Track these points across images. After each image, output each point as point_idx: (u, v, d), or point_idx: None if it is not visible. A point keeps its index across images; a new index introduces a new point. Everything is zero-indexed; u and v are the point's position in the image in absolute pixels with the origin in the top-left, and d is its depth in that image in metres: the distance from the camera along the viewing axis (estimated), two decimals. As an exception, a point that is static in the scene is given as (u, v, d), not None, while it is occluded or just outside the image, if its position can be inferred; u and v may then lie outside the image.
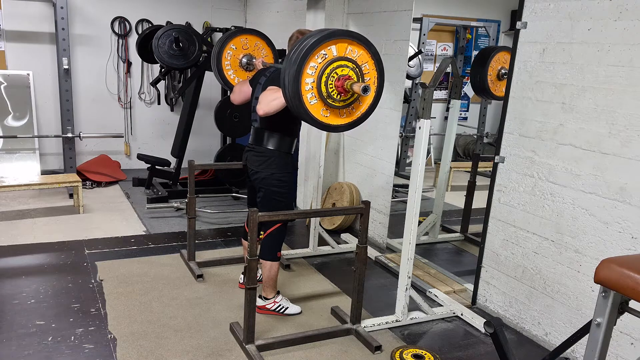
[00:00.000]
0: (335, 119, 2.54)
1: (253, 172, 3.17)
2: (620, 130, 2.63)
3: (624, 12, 2.58)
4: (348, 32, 2.49)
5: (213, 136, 7.06)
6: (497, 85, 4.46)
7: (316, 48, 2.38)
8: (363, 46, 2.49)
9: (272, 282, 3.25)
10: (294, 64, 2.37)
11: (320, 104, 2.46)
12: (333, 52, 2.42)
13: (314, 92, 2.42)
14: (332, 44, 2.40)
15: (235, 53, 3.77)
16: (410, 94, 6.80)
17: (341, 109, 2.53)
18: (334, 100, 2.47)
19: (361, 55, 2.49)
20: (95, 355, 2.79)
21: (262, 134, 3.10)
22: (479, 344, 3.14)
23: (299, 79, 2.38)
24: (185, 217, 4.42)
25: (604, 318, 1.59)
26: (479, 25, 7.26)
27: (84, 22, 6.26)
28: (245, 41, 3.79)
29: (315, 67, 2.40)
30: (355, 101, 2.55)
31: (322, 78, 2.40)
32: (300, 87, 2.39)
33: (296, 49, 2.41)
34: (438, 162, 5.30)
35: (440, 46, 7.60)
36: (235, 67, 3.79)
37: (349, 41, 2.45)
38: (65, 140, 5.66)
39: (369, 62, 2.52)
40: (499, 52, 4.43)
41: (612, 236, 2.70)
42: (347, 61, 2.45)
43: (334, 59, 2.42)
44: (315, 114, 2.46)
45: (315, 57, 2.39)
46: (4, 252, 4.06)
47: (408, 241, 3.15)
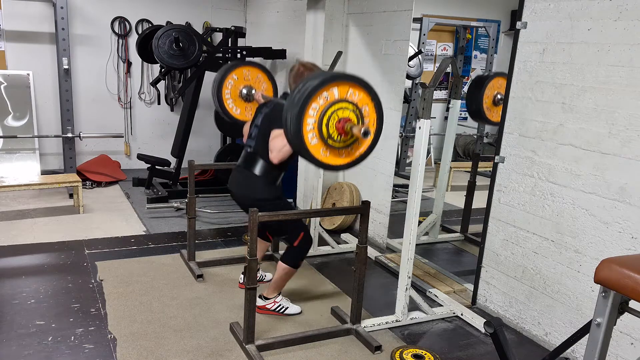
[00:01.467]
0: (335, 159, 2.59)
1: (237, 195, 3.20)
2: (620, 130, 2.63)
3: (624, 12, 2.58)
4: (350, 76, 2.54)
5: (213, 136, 7.06)
6: (492, 111, 4.51)
7: (319, 90, 2.43)
8: (364, 89, 2.55)
9: (281, 285, 3.27)
10: (297, 104, 2.42)
11: (321, 144, 2.51)
12: (335, 94, 2.47)
13: (315, 132, 2.48)
14: (334, 87, 2.46)
15: (237, 83, 3.83)
16: (410, 94, 6.80)
17: (341, 149, 2.58)
18: (334, 141, 2.52)
19: (362, 98, 2.56)
20: (95, 355, 2.79)
21: (253, 159, 3.11)
22: (479, 344, 3.14)
23: (301, 119, 2.42)
24: (185, 217, 4.42)
25: (604, 318, 1.59)
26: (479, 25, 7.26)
27: (84, 22, 6.26)
28: (247, 73, 3.86)
29: (317, 108, 2.45)
30: (355, 142, 2.59)
31: (324, 119, 2.46)
32: (302, 128, 2.44)
33: (300, 89, 2.45)
34: (438, 162, 5.30)
35: (440, 46, 7.60)
36: (234, 97, 3.85)
37: (351, 84, 2.51)
38: (65, 140, 5.66)
39: (369, 105, 2.58)
40: (493, 79, 4.46)
41: (612, 236, 2.70)
42: (348, 103, 2.50)
43: (335, 101, 2.47)
44: (315, 153, 2.52)
45: (318, 99, 2.44)
46: (4, 252, 4.06)
47: (408, 241, 3.15)
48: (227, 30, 5.82)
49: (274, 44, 6.12)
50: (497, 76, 4.44)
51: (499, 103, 4.34)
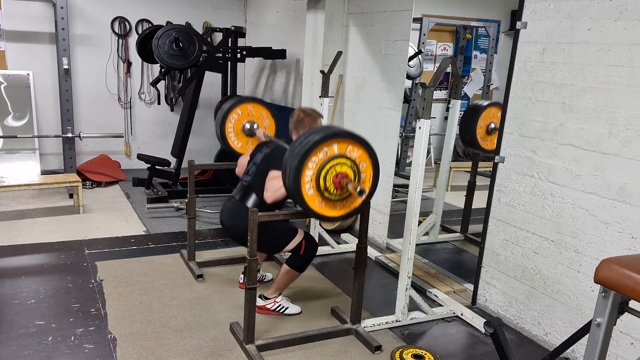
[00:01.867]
0: (330, 211, 2.66)
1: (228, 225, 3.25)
2: (620, 130, 2.63)
3: (624, 12, 2.58)
4: (350, 133, 2.62)
5: (213, 136, 7.04)
6: (486, 141, 4.54)
7: (320, 145, 2.52)
8: (363, 147, 2.64)
9: (283, 286, 3.28)
10: (297, 156, 2.51)
11: (317, 196, 2.59)
12: (334, 150, 2.56)
13: (313, 184, 2.56)
14: (334, 143, 2.55)
15: (240, 118, 3.92)
16: (410, 94, 6.80)
17: (336, 202, 2.65)
18: (331, 194, 2.60)
19: (360, 154, 2.64)
20: (95, 355, 2.80)
21: (248, 194, 3.17)
22: (479, 344, 3.14)
23: (300, 171, 2.51)
24: (185, 217, 4.42)
25: (604, 318, 1.59)
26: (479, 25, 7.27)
27: (84, 22, 6.26)
28: (252, 109, 3.95)
29: (317, 161, 2.54)
30: (350, 196, 2.66)
31: (322, 173, 2.54)
32: (301, 179, 2.52)
33: (301, 141, 2.54)
34: (438, 162, 5.30)
35: (440, 46, 7.60)
36: (237, 131, 3.93)
37: (350, 142, 2.60)
38: (65, 140, 5.66)
39: (366, 162, 2.67)
40: (487, 108, 4.49)
41: (612, 236, 2.70)
42: (347, 159, 2.59)
43: (334, 156, 2.56)
44: (311, 203, 2.59)
45: (318, 153, 2.53)
46: (4, 252, 4.06)
47: (408, 241, 3.15)
48: (227, 30, 5.82)
49: (274, 44, 6.12)
50: (491, 106, 4.51)
51: (493, 132, 4.41)
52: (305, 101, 5.07)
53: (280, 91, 6.37)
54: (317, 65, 4.83)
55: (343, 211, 2.69)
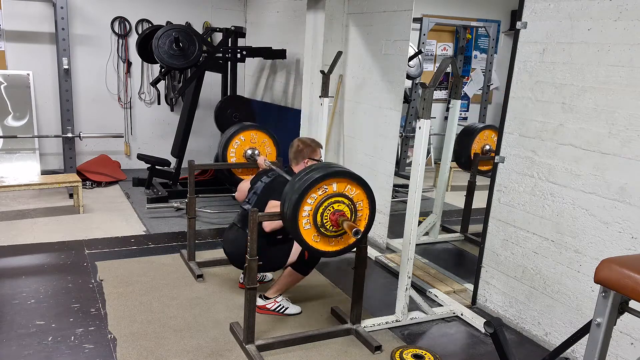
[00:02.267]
0: (324, 246, 2.72)
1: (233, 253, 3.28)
2: (620, 130, 2.63)
3: (624, 12, 2.58)
4: (350, 173, 2.68)
5: (213, 136, 7.06)
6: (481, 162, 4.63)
7: (319, 183, 2.58)
8: (361, 187, 2.71)
9: (285, 287, 3.29)
10: (297, 191, 2.57)
11: (313, 231, 2.65)
12: (333, 187, 2.63)
13: (310, 219, 2.62)
14: (334, 182, 2.62)
15: (243, 144, 4.03)
16: (410, 94, 6.80)
17: (331, 238, 2.71)
18: (327, 230, 2.65)
19: (358, 194, 2.70)
20: (95, 355, 2.80)
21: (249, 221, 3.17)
22: (479, 344, 3.14)
23: (298, 206, 2.57)
24: (185, 217, 4.42)
25: (604, 318, 1.59)
26: (479, 25, 7.27)
27: (84, 22, 6.26)
28: (255, 136, 4.07)
29: (315, 197, 2.60)
30: (346, 233, 2.70)
31: (320, 209, 2.60)
32: (298, 213, 2.58)
33: (301, 177, 2.61)
34: (438, 162, 5.31)
35: (440, 46, 7.60)
36: (238, 156, 4.05)
37: (349, 181, 2.67)
38: (65, 140, 5.66)
39: (363, 201, 2.73)
40: (481, 131, 4.61)
41: (612, 236, 2.70)
42: (345, 198, 2.65)
43: (333, 194, 2.63)
44: (307, 238, 2.65)
45: (317, 190, 2.59)
46: (4, 252, 4.06)
47: (408, 241, 3.15)
48: (227, 30, 5.82)
49: (274, 44, 6.12)
50: (486, 129, 4.59)
51: (488, 154, 4.59)
52: (305, 101, 5.08)
53: (280, 91, 6.37)
54: (317, 65, 4.83)
55: (337, 247, 2.75)
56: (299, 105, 5.48)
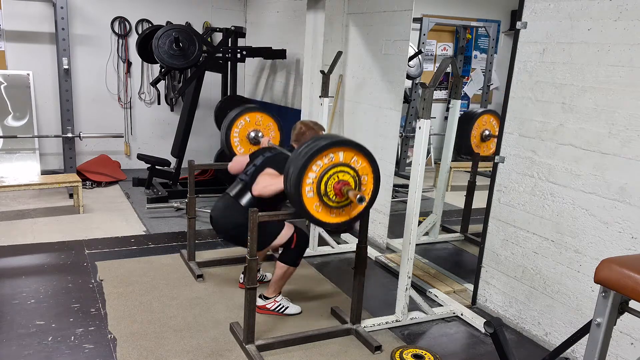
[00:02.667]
0: (325, 216, 2.66)
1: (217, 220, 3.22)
2: (620, 130, 2.63)
3: (624, 12, 2.58)
4: (358, 144, 2.63)
5: (213, 136, 7.05)
6: (481, 147, 4.61)
7: (326, 150, 2.54)
8: (368, 160, 2.66)
9: (281, 284, 3.28)
10: (303, 157, 2.52)
11: (316, 199, 2.60)
12: (340, 157, 2.59)
13: (313, 187, 2.57)
14: (341, 151, 2.58)
15: (247, 125, 3.97)
16: (410, 94, 6.80)
17: (333, 209, 2.66)
18: (329, 200, 2.61)
19: (364, 167, 2.66)
20: (95, 355, 2.80)
21: (243, 192, 3.16)
22: (479, 344, 3.14)
23: (303, 171, 2.52)
24: (185, 217, 4.42)
25: (604, 318, 1.59)
26: (479, 25, 7.27)
27: (84, 22, 6.26)
28: (260, 119, 4.01)
29: (321, 165, 2.56)
30: (347, 205, 2.67)
31: (324, 177, 2.56)
32: (302, 180, 2.53)
33: (309, 144, 2.57)
34: (438, 162, 5.31)
35: (440, 46, 7.60)
36: (242, 137, 3.98)
37: (356, 152, 2.62)
38: (65, 140, 5.66)
39: (368, 175, 2.69)
40: (481, 115, 4.57)
41: (612, 236, 2.70)
42: (350, 169, 2.61)
43: (339, 164, 2.58)
44: (309, 206, 2.60)
45: (323, 157, 2.55)
46: (4, 252, 4.06)
47: (408, 241, 3.15)
48: (227, 30, 5.82)
49: (274, 44, 6.12)
50: (485, 113, 4.56)
51: (487, 139, 4.48)
52: (305, 101, 5.07)
53: (280, 91, 6.37)
54: (317, 65, 4.83)
55: (338, 219, 2.71)
56: (299, 105, 5.48)
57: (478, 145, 4.60)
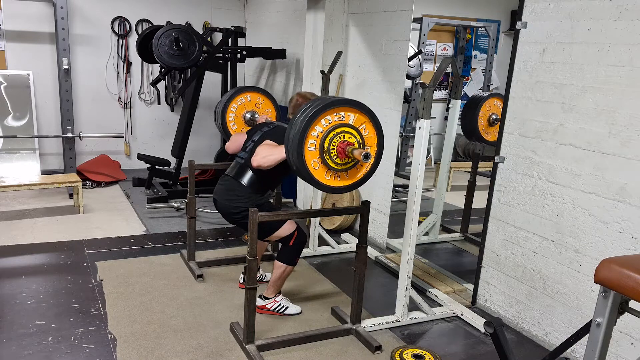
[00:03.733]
0: (321, 175, 2.61)
1: (220, 203, 3.20)
2: (620, 130, 2.63)
3: (624, 12, 2.58)
4: (372, 113, 2.60)
5: (213, 136, 7.06)
6: (488, 132, 4.54)
7: (341, 106, 2.51)
8: (376, 132, 2.64)
9: (280, 283, 3.27)
10: (305, 119, 2.47)
11: (316, 154, 2.55)
12: (350, 119, 2.56)
13: (317, 140, 2.52)
14: (353, 113, 2.55)
15: (246, 105, 3.91)
16: (410, 94, 6.80)
17: (337, 172, 2.63)
18: (329, 158, 2.57)
19: (370, 137, 2.63)
20: (95, 355, 2.79)
21: (243, 170, 3.14)
22: (479, 344, 3.14)
23: (305, 132, 2.47)
24: (185, 217, 4.42)
25: (604, 318, 1.59)
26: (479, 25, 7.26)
27: (84, 22, 6.26)
28: (260, 101, 3.95)
29: (330, 121, 2.52)
30: (352, 168, 2.64)
31: (326, 139, 2.52)
32: (304, 143, 2.48)
33: (311, 104, 2.51)
34: (438, 162, 5.30)
35: (440, 46, 7.60)
36: (238, 115, 3.92)
37: (368, 119, 2.60)
38: (65, 140, 5.66)
39: (372, 147, 2.66)
40: (488, 99, 4.49)
41: (612, 236, 2.70)
42: (357, 134, 2.58)
43: (348, 125, 2.55)
44: (308, 161, 2.54)
45: (334, 114, 2.52)
46: (4, 252, 4.06)
47: (408, 241, 3.15)
48: (227, 30, 5.82)
49: (274, 44, 6.12)
50: (492, 97, 4.50)
51: (495, 123, 4.40)
52: (305, 101, 5.07)
53: (280, 91, 6.37)
54: (317, 65, 4.83)
55: (342, 182, 2.65)
56: (299, 105, 5.47)
57: (486, 129, 4.50)
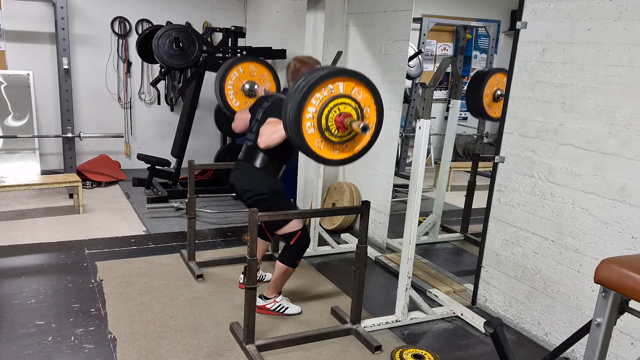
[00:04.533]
0: (328, 153, 2.58)
1: (239, 190, 3.19)
2: (620, 130, 2.63)
3: (624, 12, 2.58)
4: (358, 74, 2.54)
5: (213, 136, 7.06)
6: (493, 108, 4.51)
7: (326, 80, 2.43)
8: (369, 91, 2.55)
9: (280, 284, 3.27)
10: (301, 91, 2.42)
11: (317, 135, 2.51)
12: (340, 88, 2.48)
13: (314, 122, 2.48)
14: (340, 81, 2.47)
15: (242, 77, 3.83)
16: (410, 94, 6.79)
17: (336, 144, 2.58)
18: (331, 135, 2.52)
19: (365, 98, 2.56)
20: (95, 355, 2.79)
21: (254, 152, 3.12)
22: (479, 344, 3.14)
23: (302, 106, 2.42)
24: (185, 217, 4.42)
25: (604, 318, 1.59)
26: (479, 25, 7.26)
27: (84, 22, 6.26)
28: (254, 69, 3.85)
29: (320, 98, 2.46)
30: (351, 140, 2.60)
31: (324, 110, 2.47)
32: (302, 115, 2.44)
33: (306, 77, 2.46)
34: (438, 162, 5.30)
35: (440, 46, 7.60)
36: (236, 90, 3.84)
37: (357, 82, 2.52)
38: (65, 140, 5.66)
39: (370, 107, 2.58)
40: (493, 75, 4.46)
41: (612, 236, 2.70)
42: (352, 100, 2.51)
43: (339, 95, 2.48)
44: (310, 143, 2.51)
45: (322, 90, 2.45)
46: (4, 252, 4.06)
47: (408, 241, 3.15)
48: (227, 30, 5.82)
49: (274, 44, 6.12)
50: (497, 72, 4.44)
51: (499, 99, 4.34)
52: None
53: (280, 91, 6.37)
54: (317, 65, 4.83)
55: (342, 155, 2.60)
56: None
57: (490, 105, 4.47)
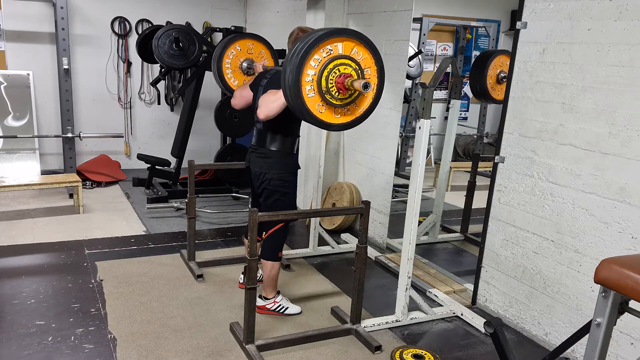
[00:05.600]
0: (330, 117, 2.53)
1: (256, 173, 3.18)
2: (620, 130, 2.63)
3: (624, 12, 2.58)
4: (357, 33, 2.48)
5: (213, 136, 7.06)
6: (496, 90, 4.48)
7: (324, 41, 2.38)
8: (369, 51, 2.50)
9: (273, 282, 3.25)
10: (299, 54, 2.36)
11: (318, 98, 2.45)
12: (339, 49, 2.42)
13: (314, 85, 2.42)
14: (339, 41, 2.41)
15: (239, 55, 3.78)
16: (410, 94, 6.79)
17: (337, 108, 2.52)
18: (332, 97, 2.47)
19: (365, 59, 2.50)
20: (95, 355, 2.79)
21: (264, 135, 3.12)
22: (479, 344, 3.14)
23: (301, 68, 2.37)
24: (185, 217, 4.42)
25: (604, 318, 1.59)
26: (479, 25, 7.26)
27: (84, 22, 6.26)
28: (251, 46, 3.81)
29: (319, 60, 2.40)
30: (352, 103, 2.55)
31: (324, 72, 2.41)
32: (301, 78, 2.38)
33: (303, 39, 2.41)
34: (438, 162, 5.30)
35: (440, 46, 7.60)
36: (234, 68, 3.80)
37: (357, 42, 2.46)
38: (65, 140, 5.66)
39: (371, 68, 2.53)
40: (497, 56, 4.44)
41: (612, 236, 2.70)
42: (351, 61, 2.45)
43: (338, 56, 2.42)
44: (311, 107, 2.45)
45: (321, 51, 2.39)
46: (4, 252, 4.06)
47: (408, 241, 3.15)
48: (227, 30, 5.81)
49: (274, 44, 6.10)
50: (500, 54, 4.44)
51: (503, 81, 4.33)
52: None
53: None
54: (317, 65, 4.82)
55: (344, 119, 2.56)
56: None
57: (493, 86, 4.48)
